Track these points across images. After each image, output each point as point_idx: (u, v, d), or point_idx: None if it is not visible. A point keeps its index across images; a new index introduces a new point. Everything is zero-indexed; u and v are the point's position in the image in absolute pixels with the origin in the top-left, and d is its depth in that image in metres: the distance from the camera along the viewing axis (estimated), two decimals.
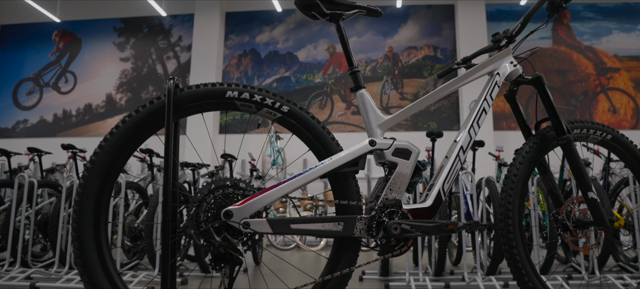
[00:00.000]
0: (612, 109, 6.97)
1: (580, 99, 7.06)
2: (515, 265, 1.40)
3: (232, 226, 1.15)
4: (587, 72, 7.13)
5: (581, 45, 7.24)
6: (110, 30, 8.37)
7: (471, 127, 1.44)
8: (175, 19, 8.25)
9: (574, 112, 7.03)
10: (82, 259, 1.13)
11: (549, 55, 7.21)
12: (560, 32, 7.27)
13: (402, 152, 1.32)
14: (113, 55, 8.26)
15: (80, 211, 1.15)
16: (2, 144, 8.03)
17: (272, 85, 7.81)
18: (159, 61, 8.19)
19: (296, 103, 1.31)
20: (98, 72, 8.23)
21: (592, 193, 1.45)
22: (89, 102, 8.12)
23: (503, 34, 1.57)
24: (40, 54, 8.46)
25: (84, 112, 8.09)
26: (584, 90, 7.09)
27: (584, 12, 7.34)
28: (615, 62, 7.15)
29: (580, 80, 7.11)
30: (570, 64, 7.19)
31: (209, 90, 1.26)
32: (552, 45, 7.26)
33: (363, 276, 2.98)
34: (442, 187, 1.35)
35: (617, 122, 6.93)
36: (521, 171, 1.47)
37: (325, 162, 1.26)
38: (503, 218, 1.43)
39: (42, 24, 8.54)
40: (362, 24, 7.80)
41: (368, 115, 1.37)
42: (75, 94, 8.19)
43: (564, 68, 7.17)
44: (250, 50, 8.02)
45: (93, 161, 1.17)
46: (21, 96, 8.31)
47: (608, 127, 1.58)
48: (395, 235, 1.24)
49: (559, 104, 7.03)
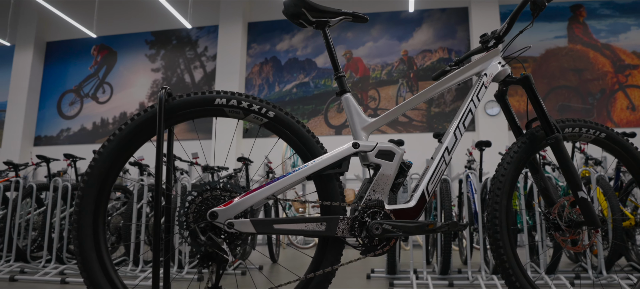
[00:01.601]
0: (630, 106, 6.63)
1: (597, 98, 6.75)
2: (503, 265, 1.35)
3: (218, 227, 1.16)
4: (604, 69, 6.81)
5: (598, 43, 6.93)
6: (143, 43, 8.64)
7: (456, 129, 1.40)
8: (201, 30, 8.44)
9: (591, 111, 6.73)
10: (82, 256, 1.17)
11: (565, 55, 6.93)
12: (576, 30, 6.99)
13: (386, 154, 1.30)
14: (145, 66, 8.53)
15: (80, 213, 1.19)
16: (48, 150, 8.43)
17: (292, 90, 7.85)
18: (186, 71, 8.38)
19: (282, 108, 1.31)
20: (132, 83, 8.51)
21: (582, 192, 1.38)
22: (124, 111, 8.41)
23: (491, 35, 1.53)
24: (80, 67, 8.83)
25: (120, 120, 8.38)
26: (601, 88, 6.77)
27: (601, 9, 7.02)
28: (634, 59, 6.79)
29: (597, 78, 6.80)
30: (587, 63, 6.89)
31: (199, 98, 1.28)
32: (568, 44, 6.98)
33: (371, 274, 2.94)
34: (426, 188, 1.32)
35: (637, 120, 6.58)
36: (509, 171, 1.42)
37: (309, 165, 1.25)
38: (490, 218, 1.38)
39: (81, 40, 8.91)
40: (378, 30, 7.75)
41: (353, 118, 1.36)
42: (112, 104, 8.50)
43: (580, 67, 6.88)
44: (271, 58, 8.10)
45: (92, 166, 1.21)
46: (64, 106, 8.69)
47: (602, 125, 1.51)
48: (377, 235, 1.22)
49: (575, 103, 6.76)
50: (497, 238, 1.36)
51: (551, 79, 6.87)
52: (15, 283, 2.61)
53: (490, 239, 1.38)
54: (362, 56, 7.71)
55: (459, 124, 1.40)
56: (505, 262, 1.35)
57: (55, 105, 8.72)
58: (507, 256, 1.35)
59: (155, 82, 8.42)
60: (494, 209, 1.38)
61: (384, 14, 7.75)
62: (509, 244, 1.36)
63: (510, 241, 1.37)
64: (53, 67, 8.95)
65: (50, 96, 8.79)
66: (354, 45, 7.77)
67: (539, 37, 7.04)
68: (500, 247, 1.35)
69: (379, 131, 7.27)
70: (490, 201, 1.39)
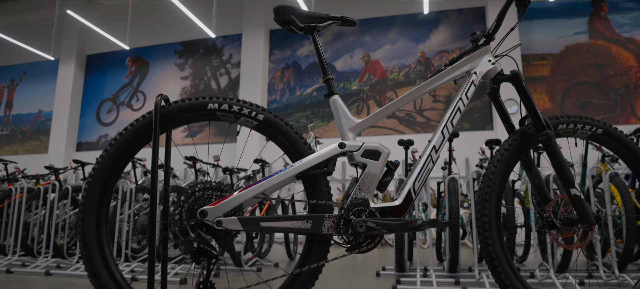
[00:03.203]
0: None
1: (620, 93, 6.41)
2: (492, 263, 1.31)
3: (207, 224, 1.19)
4: (628, 64, 6.45)
5: (621, 37, 6.57)
6: (172, 53, 8.91)
7: (444, 127, 1.37)
8: (226, 39, 8.62)
9: (614, 107, 6.39)
10: (85, 251, 1.23)
11: (585, 50, 6.62)
12: (597, 25, 6.66)
13: (372, 154, 1.29)
14: (175, 74, 8.79)
15: (85, 211, 1.25)
16: (89, 156, 8.83)
17: (313, 94, 7.88)
18: (213, 78, 8.58)
19: (271, 111, 1.33)
20: (163, 90, 8.79)
21: (575, 189, 1.32)
22: None
23: (481, 33, 1.48)
24: (117, 77, 9.20)
25: None
26: (625, 83, 6.42)
27: (624, 2, 6.66)
28: None
29: (620, 73, 6.45)
30: (609, 58, 6.55)
31: (193, 103, 1.31)
32: (589, 40, 6.66)
33: (381, 272, 2.91)
34: (412, 186, 1.30)
35: None
36: (499, 169, 1.37)
37: (296, 164, 1.26)
38: (479, 216, 1.34)
39: (117, 52, 9.29)
40: (395, 32, 7.66)
41: (340, 119, 1.36)
42: (145, 110, 8.81)
43: (601, 62, 6.55)
44: (292, 63, 8.17)
45: (95, 168, 1.27)
46: (103, 114, 9.08)
47: (598, 121, 1.43)
48: (361, 232, 1.21)
49: (597, 99, 6.44)
50: (486, 235, 1.32)
51: (571, 76, 6.58)
52: (50, 277, 2.75)
53: (480, 238, 1.34)
54: (380, 59, 7.65)
55: (447, 122, 1.37)
56: (495, 260, 1.30)
57: (94, 113, 9.13)
58: (496, 254, 1.31)
59: (184, 89, 8.66)
60: (483, 207, 1.34)
61: (401, 17, 7.66)
62: (498, 242, 1.32)
63: (500, 239, 1.32)
64: (92, 78, 9.37)
65: (90, 105, 9.21)
66: (372, 48, 7.72)
67: (558, 34, 6.76)
68: (490, 245, 1.31)
69: (395, 132, 7.18)
70: (480, 199, 1.35)
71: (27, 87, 9.76)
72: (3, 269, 2.96)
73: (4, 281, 2.59)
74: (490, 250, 1.31)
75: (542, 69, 6.61)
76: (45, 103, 9.48)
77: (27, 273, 2.88)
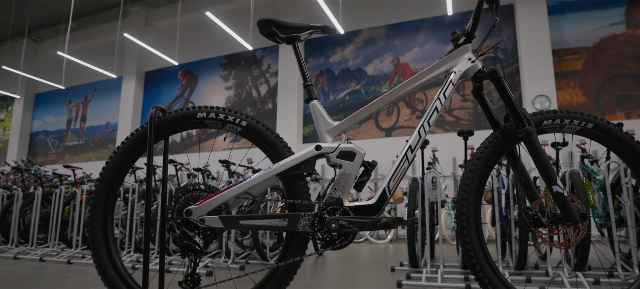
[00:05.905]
0: None
1: None
2: (470, 261, 1.24)
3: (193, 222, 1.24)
4: None
5: None
6: (217, 66, 9.29)
7: (421, 127, 1.32)
8: (265, 50, 8.83)
9: None
10: (94, 248, 1.32)
11: (623, 41, 6.02)
12: (635, 14, 6.03)
13: (347, 155, 1.28)
14: (220, 85, 9.15)
15: (93, 211, 1.34)
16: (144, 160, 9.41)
17: (345, 98, 7.86)
18: (253, 87, 8.83)
19: (254, 118, 1.35)
20: (210, 100, 9.19)
21: (557, 187, 1.22)
22: None
23: (461, 32, 1.41)
24: (170, 90, 9.75)
25: (201, 132, 9.08)
26: None
27: None
28: None
29: None
30: None
31: (184, 113, 1.37)
32: (626, 30, 6.05)
33: (396, 267, 2.85)
34: (387, 185, 1.26)
35: None
36: (478, 167, 1.30)
37: (275, 166, 1.28)
38: (458, 214, 1.28)
39: (171, 67, 9.85)
40: (423, 35, 7.45)
41: (318, 123, 1.35)
42: None
43: None
44: (325, 69, 8.20)
45: (102, 173, 1.36)
46: None
47: (587, 115, 1.31)
48: (334, 230, 1.20)
49: (635, 92, 5.82)
50: (464, 233, 1.25)
51: (607, 69, 6.02)
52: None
53: (459, 236, 1.27)
54: (409, 61, 7.47)
55: (424, 122, 1.32)
56: (473, 258, 1.23)
57: None
58: (474, 252, 1.23)
59: (229, 99, 8.99)
60: (461, 205, 1.27)
61: (428, 20, 7.43)
62: (477, 241, 1.25)
63: (479, 238, 1.25)
64: (150, 92, 10.00)
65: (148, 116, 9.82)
66: (401, 52, 7.57)
67: (591, 27, 6.21)
68: (468, 243, 1.24)
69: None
70: (459, 197, 1.29)
71: (97, 103, 10.62)
72: (64, 261, 3.24)
73: (64, 270, 2.84)
74: (469, 248, 1.24)
75: (575, 63, 6.10)
76: (112, 115, 10.26)
77: (85, 264, 3.14)
